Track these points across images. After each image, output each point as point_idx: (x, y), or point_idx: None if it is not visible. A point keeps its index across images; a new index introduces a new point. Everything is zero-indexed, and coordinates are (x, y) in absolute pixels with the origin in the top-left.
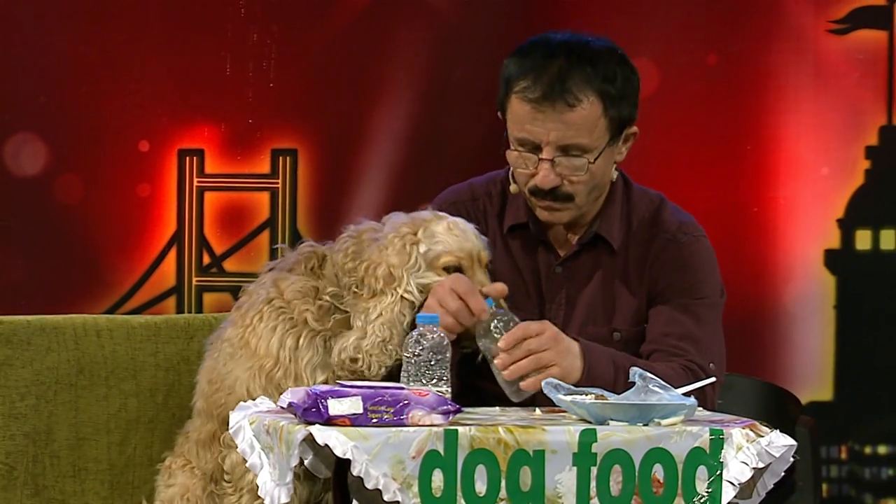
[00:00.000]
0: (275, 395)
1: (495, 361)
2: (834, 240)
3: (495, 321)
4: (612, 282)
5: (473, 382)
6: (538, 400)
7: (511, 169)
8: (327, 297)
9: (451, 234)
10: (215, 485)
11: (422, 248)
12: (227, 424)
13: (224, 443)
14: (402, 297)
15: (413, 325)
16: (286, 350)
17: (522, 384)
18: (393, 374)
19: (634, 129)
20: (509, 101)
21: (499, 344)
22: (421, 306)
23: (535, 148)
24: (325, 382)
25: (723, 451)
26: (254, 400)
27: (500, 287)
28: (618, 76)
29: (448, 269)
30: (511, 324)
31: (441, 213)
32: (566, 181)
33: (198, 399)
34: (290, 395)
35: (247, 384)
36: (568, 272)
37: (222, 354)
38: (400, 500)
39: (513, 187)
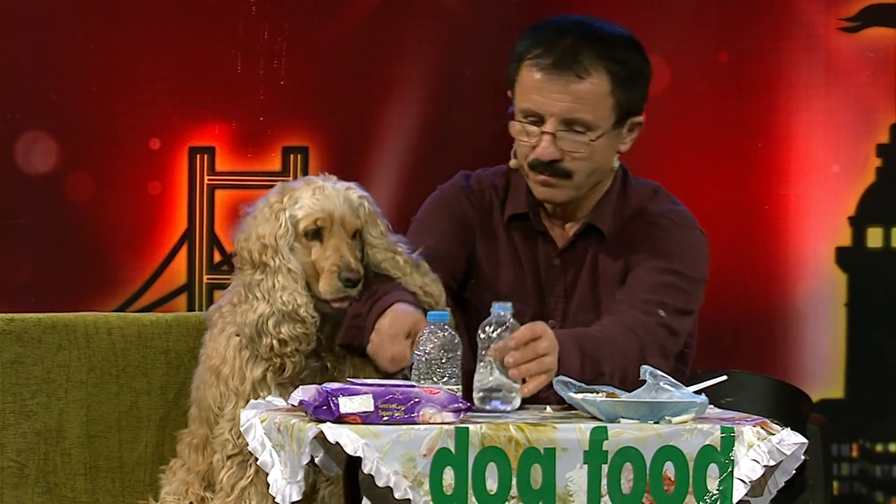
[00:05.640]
0: (223, 390)
1: (506, 359)
2: (845, 237)
3: (501, 325)
4: (600, 268)
5: None
6: (550, 398)
7: (514, 146)
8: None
9: (313, 197)
10: (208, 486)
11: (287, 214)
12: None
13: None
14: (283, 267)
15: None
16: (231, 348)
17: (524, 387)
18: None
19: (641, 119)
20: (520, 72)
21: (509, 343)
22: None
23: (539, 120)
24: (264, 375)
25: (734, 448)
26: (219, 406)
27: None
28: (628, 60)
29: (307, 235)
30: (510, 329)
31: (312, 179)
32: (566, 156)
33: (192, 405)
34: (301, 393)
35: (210, 390)
36: (565, 264)
37: (201, 363)
38: (411, 497)
39: (512, 162)
